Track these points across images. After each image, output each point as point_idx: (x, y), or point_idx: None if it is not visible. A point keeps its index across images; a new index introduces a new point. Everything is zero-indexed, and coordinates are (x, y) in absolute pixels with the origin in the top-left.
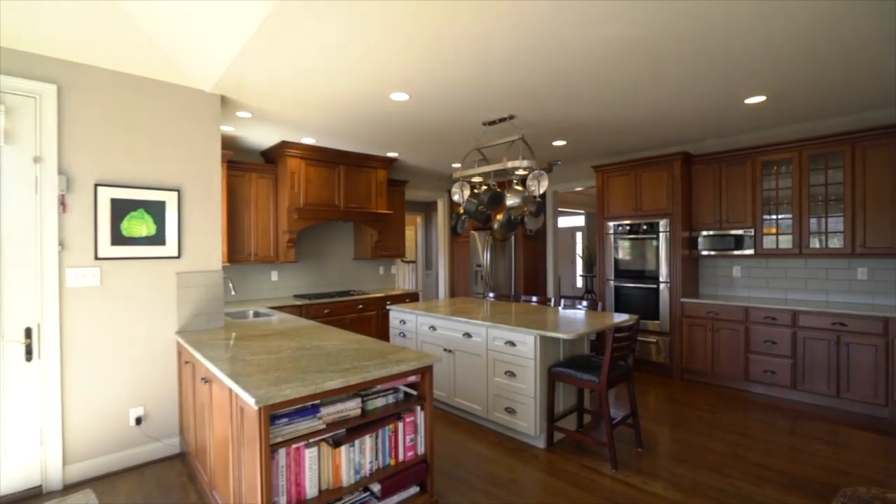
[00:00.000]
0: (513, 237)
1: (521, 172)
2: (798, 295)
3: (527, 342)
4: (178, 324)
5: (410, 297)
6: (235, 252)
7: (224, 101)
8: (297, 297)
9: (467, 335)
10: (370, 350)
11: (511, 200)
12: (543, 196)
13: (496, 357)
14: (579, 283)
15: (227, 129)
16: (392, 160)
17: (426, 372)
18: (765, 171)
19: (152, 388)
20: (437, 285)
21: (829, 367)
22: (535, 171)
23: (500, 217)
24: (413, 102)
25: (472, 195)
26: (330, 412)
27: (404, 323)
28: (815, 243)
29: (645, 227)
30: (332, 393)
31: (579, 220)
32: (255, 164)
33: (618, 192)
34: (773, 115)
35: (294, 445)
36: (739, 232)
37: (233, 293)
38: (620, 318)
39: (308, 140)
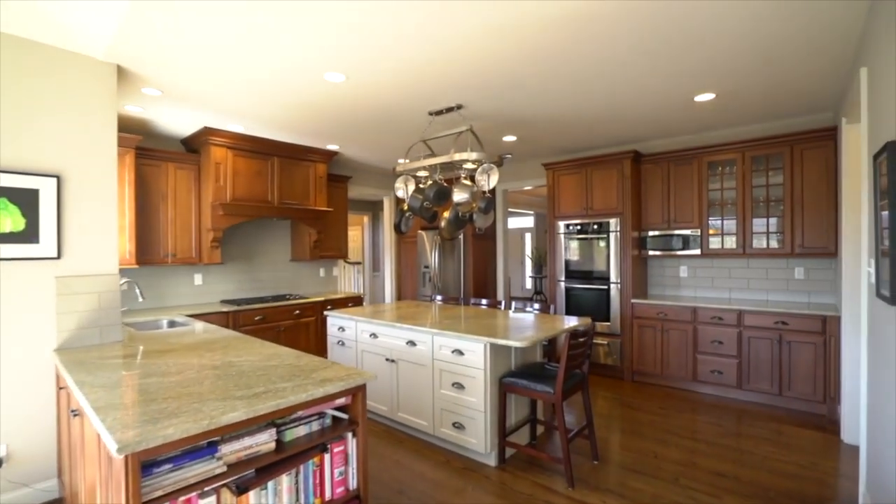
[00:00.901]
0: (461, 237)
1: (469, 166)
2: (741, 294)
3: (476, 351)
4: (57, 339)
5: (353, 301)
6: (147, 252)
7: (124, 73)
8: (224, 302)
9: (411, 343)
10: (292, 367)
11: (459, 196)
12: (493, 192)
13: (443, 367)
14: (528, 284)
15: (134, 109)
16: (333, 154)
17: (358, 392)
18: (710, 172)
19: (19, 421)
20: (384, 288)
21: (773, 366)
22: (485, 165)
23: (447, 214)
24: (350, 85)
25: (417, 190)
26: (234, 450)
27: (343, 330)
28: (757, 243)
29: (595, 226)
30: (235, 427)
31: (529, 221)
32: (173, 153)
33: (568, 190)
34: (719, 115)
35: (182, 498)
36: (687, 232)
37: (140, 300)
38: (573, 321)
39: (235, 127)
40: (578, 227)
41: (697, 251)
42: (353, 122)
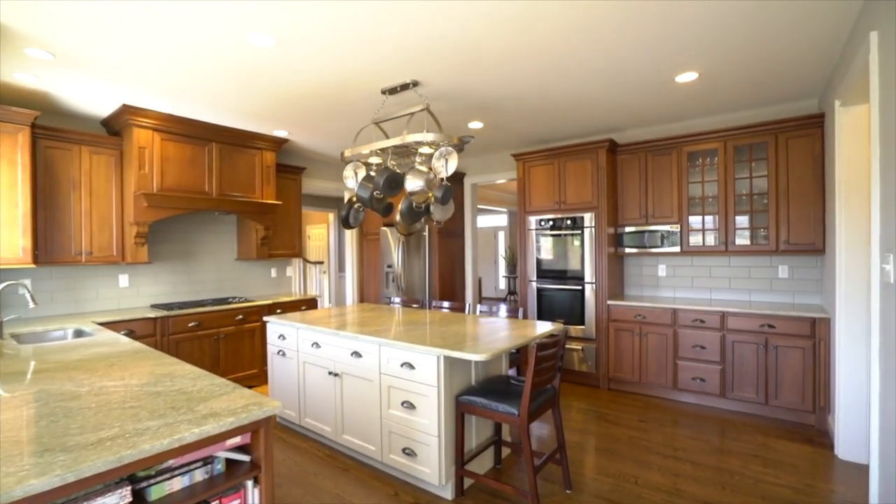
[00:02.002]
0: (426, 234)
1: (426, 150)
2: (723, 294)
3: (427, 364)
4: None
5: (307, 305)
6: (53, 250)
7: None
8: (155, 307)
9: (356, 355)
10: (179, 395)
11: (412, 184)
12: (464, 183)
13: (391, 383)
14: (502, 284)
15: (25, 77)
16: (282, 141)
17: (260, 428)
18: (691, 163)
19: None
20: (345, 289)
21: (758, 373)
22: (442, 148)
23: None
24: (283, 52)
25: (367, 178)
26: None
27: (284, 339)
28: (740, 240)
29: (569, 221)
30: (53, 496)
31: (502, 220)
32: (88, 135)
33: (540, 183)
34: (701, 100)
35: None
36: (666, 228)
37: (31, 306)
38: (544, 327)
39: (162, 106)
40: (551, 223)
41: (677, 248)
42: (296, 102)
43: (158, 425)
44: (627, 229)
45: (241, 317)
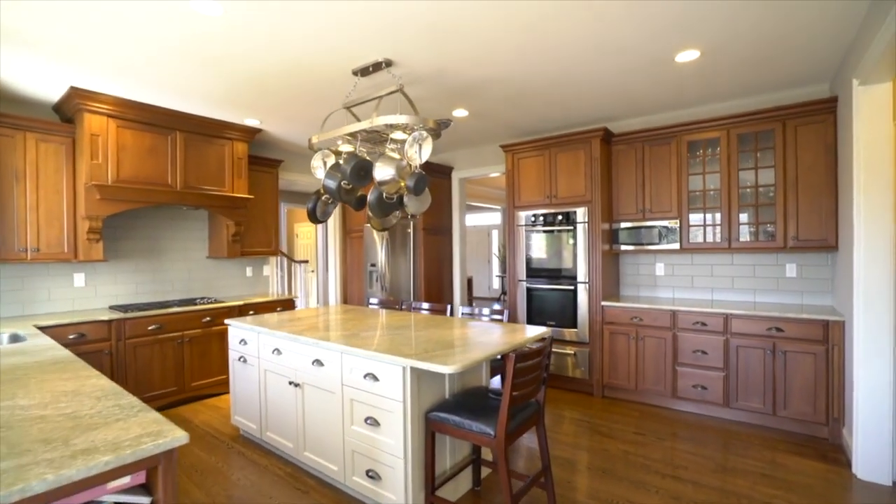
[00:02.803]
0: (411, 231)
1: (399, 136)
2: (725, 295)
3: (392, 376)
4: None
5: (283, 306)
6: None
7: None
8: (115, 308)
9: (318, 363)
10: (66, 421)
11: (381, 172)
12: (451, 177)
13: (354, 396)
14: (496, 284)
15: None
16: (255, 131)
17: (160, 464)
18: (691, 154)
19: None
20: (327, 289)
21: (765, 380)
22: (416, 133)
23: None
24: (233, 23)
25: (334, 167)
26: None
27: (245, 343)
28: (744, 236)
29: (561, 217)
30: None
31: (496, 218)
32: (34, 121)
33: (530, 176)
34: (702, 84)
35: None
36: (664, 223)
37: None
38: (530, 332)
39: (118, 89)
40: (542, 218)
41: (676, 245)
42: (260, 85)
43: (8, 467)
44: (623, 225)
45: (208, 319)
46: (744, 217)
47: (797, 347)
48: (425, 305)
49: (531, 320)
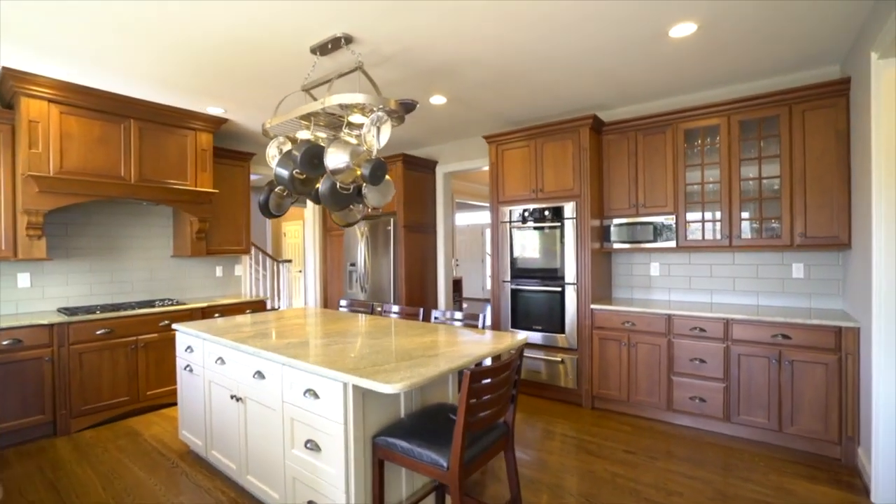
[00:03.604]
0: (391, 229)
1: (358, 119)
2: (725, 297)
3: (333, 393)
4: None
5: (253, 308)
6: None
7: None
8: (64, 311)
9: (259, 375)
10: None
11: (332, 158)
12: (436, 172)
13: (294, 414)
14: (489, 284)
15: None
16: (220, 121)
17: None
18: (688, 143)
19: None
20: (307, 290)
21: (770, 393)
22: (375, 115)
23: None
24: None
25: (287, 155)
26: None
27: (191, 351)
28: (747, 233)
29: (548, 213)
30: None
31: (489, 217)
32: None
33: (515, 168)
34: (700, 65)
35: None
36: (660, 220)
37: None
38: (504, 340)
39: (61, 71)
40: (527, 215)
41: (672, 243)
42: (213, 65)
43: None
44: (615, 221)
45: (166, 322)
46: (746, 212)
47: (806, 356)
48: (395, 308)
49: (516, 324)
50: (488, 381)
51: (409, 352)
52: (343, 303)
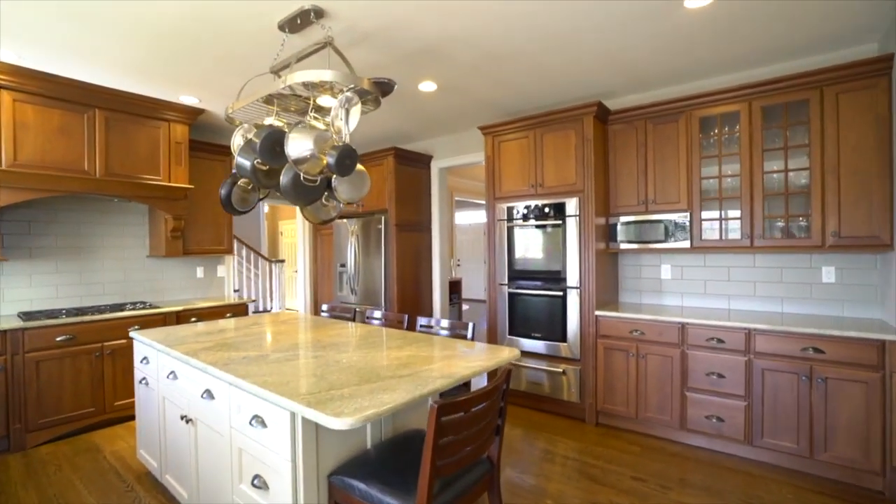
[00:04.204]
0: (382, 227)
1: (328, 102)
2: (745, 304)
3: (280, 423)
4: None
5: (234, 311)
6: None
7: None
8: (25, 315)
9: (209, 395)
10: None
11: (295, 146)
12: (431, 167)
13: (242, 444)
14: None
15: None
16: (196, 112)
17: None
18: (704, 133)
19: None
20: (298, 292)
21: (799, 414)
22: (344, 95)
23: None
24: None
25: (249, 143)
26: None
27: (147, 362)
28: (771, 232)
29: (549, 209)
30: None
31: None
32: None
33: (512, 162)
34: (717, 42)
35: None
36: (672, 217)
37: None
38: (491, 356)
39: (9, 54)
40: (526, 212)
41: (686, 243)
42: (179, 47)
43: None
44: (622, 219)
45: (137, 328)
46: (769, 210)
47: (842, 374)
48: (377, 314)
49: (513, 331)
50: (463, 416)
51: (379, 370)
52: (324, 307)
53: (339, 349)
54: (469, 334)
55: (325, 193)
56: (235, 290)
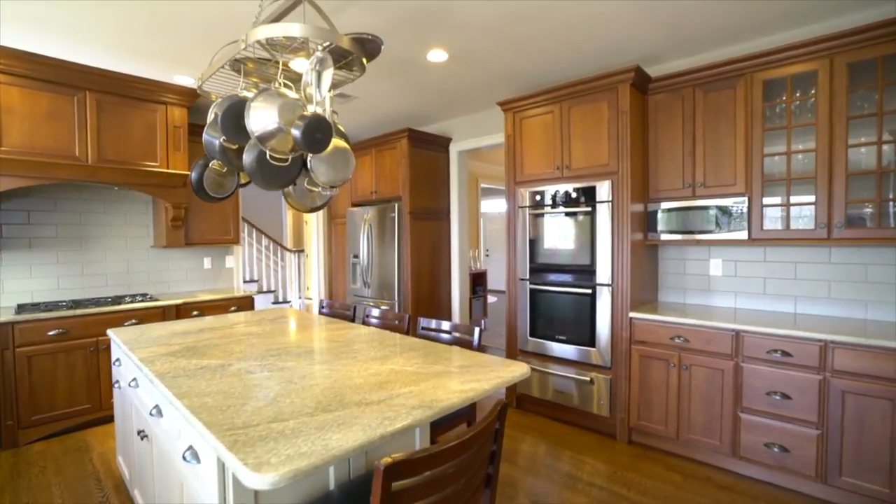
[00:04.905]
0: (395, 216)
1: (300, 65)
2: (816, 307)
3: (209, 462)
4: None
5: (238, 305)
6: None
7: None
8: (24, 307)
9: (158, 411)
10: None
11: (256, 117)
12: (449, 150)
13: (182, 476)
14: None
15: None
16: (196, 93)
17: None
18: (768, 99)
19: None
20: (312, 285)
21: (893, 450)
22: (316, 56)
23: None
24: None
25: (216, 120)
26: None
27: (119, 364)
28: (855, 221)
29: (576, 195)
30: None
31: None
32: None
33: (535, 141)
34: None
35: None
36: (725, 202)
37: None
38: (491, 377)
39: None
40: (550, 198)
41: (742, 234)
42: (153, 16)
43: None
44: (664, 206)
45: (134, 321)
46: (854, 192)
47: None
48: (375, 313)
49: (535, 333)
50: (426, 478)
51: (346, 393)
52: (324, 304)
53: (313, 359)
54: (475, 341)
55: (307, 178)
56: (253, 281)
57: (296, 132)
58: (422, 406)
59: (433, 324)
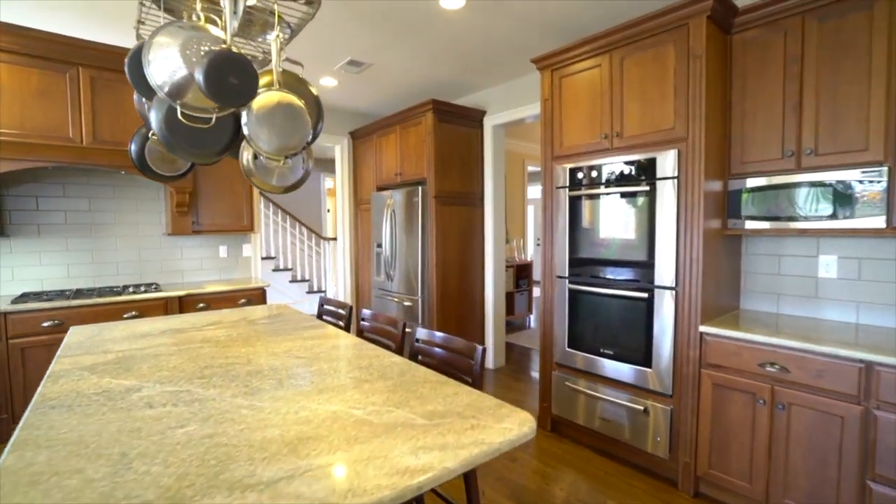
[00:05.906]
0: (419, 200)
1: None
2: None
3: None
4: None
5: (249, 297)
6: None
7: None
8: (29, 296)
9: None
10: None
11: (156, 60)
12: (483, 125)
13: None
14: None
15: None
16: None
17: None
18: None
19: None
20: (339, 275)
21: None
22: None
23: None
24: None
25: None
26: None
27: None
28: None
29: (629, 170)
30: None
31: None
32: None
33: (578, 105)
34: None
35: None
36: (848, 176)
37: None
38: (496, 434)
39: None
40: (596, 176)
41: (878, 219)
42: None
43: None
44: (751, 183)
45: (134, 313)
46: None
47: None
48: (367, 313)
49: (574, 343)
50: None
51: (236, 458)
52: (328, 304)
53: (247, 386)
54: (476, 365)
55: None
56: (287, 269)
57: (198, 74)
58: (379, 491)
59: (431, 337)
